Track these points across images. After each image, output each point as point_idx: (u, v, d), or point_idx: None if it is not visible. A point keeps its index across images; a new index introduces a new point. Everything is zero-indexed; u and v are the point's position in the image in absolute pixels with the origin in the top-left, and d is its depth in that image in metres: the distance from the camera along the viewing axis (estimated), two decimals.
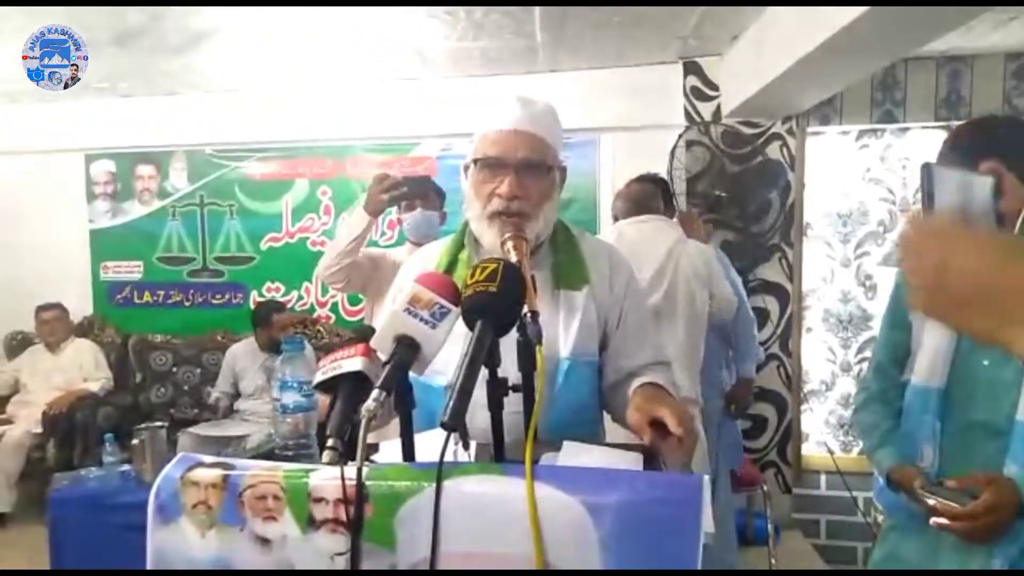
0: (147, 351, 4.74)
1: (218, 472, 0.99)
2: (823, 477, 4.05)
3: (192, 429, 4.06)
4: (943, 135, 1.69)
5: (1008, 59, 3.87)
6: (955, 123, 3.95)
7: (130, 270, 4.87)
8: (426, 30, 3.42)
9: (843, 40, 2.50)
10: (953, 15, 2.32)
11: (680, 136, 4.00)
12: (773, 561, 3.46)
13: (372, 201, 2.47)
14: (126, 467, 1.70)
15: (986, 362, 1.55)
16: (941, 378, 1.62)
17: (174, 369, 4.70)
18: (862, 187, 4.11)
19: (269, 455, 1.18)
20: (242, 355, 4.27)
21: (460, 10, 3.14)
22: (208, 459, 1.02)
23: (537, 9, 3.12)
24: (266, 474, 0.98)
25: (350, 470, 0.92)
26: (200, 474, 0.99)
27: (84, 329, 4.78)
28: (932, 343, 1.64)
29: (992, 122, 1.77)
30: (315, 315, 4.66)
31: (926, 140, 3.99)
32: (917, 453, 1.67)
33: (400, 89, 4.34)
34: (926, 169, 0.77)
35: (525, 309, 1.09)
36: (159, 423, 1.77)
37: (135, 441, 1.31)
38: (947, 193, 0.74)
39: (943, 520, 1.41)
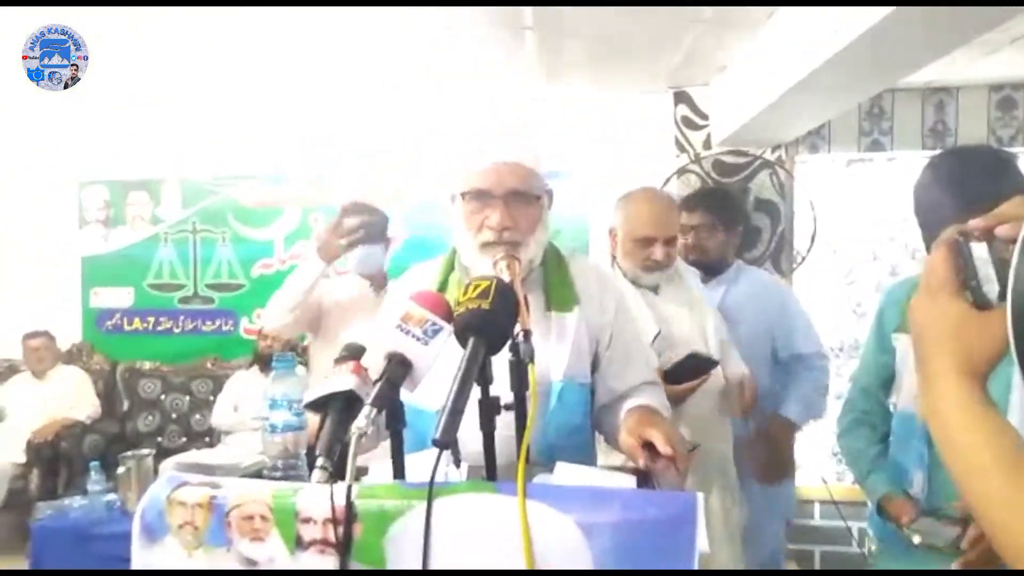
0: (135, 378, 4.69)
1: (205, 492, 0.97)
2: (817, 507, 4.02)
3: (177, 457, 4.01)
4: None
5: (991, 90, 3.94)
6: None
7: (120, 297, 4.84)
8: (419, 58, 3.46)
9: (828, 71, 2.54)
10: (935, 46, 2.36)
11: (671, 175, 4.03)
12: None
13: (328, 248, 2.42)
14: (111, 496, 1.67)
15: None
16: None
17: (162, 397, 4.65)
18: (851, 215, 4.15)
19: (257, 476, 1.16)
20: (244, 381, 4.26)
21: (453, 38, 3.18)
22: (195, 478, 1.01)
23: (529, 36, 3.17)
24: (253, 494, 0.96)
25: (339, 489, 0.90)
26: (186, 494, 0.97)
27: (72, 356, 4.73)
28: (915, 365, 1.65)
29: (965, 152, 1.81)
30: (306, 343, 4.63)
31: (914, 169, 4.04)
32: (907, 480, 1.67)
33: (391, 117, 4.37)
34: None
35: (518, 328, 1.09)
36: (146, 451, 1.75)
37: (121, 469, 1.29)
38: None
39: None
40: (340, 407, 1.00)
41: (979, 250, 0.72)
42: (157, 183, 4.79)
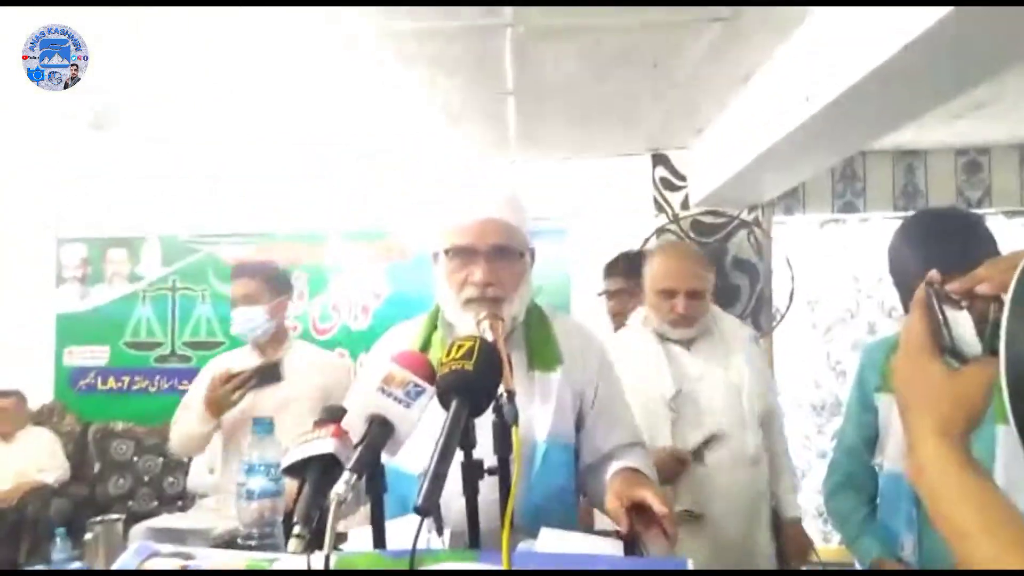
0: (107, 439, 4.56)
1: (176, 563, 0.94)
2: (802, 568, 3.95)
3: (148, 522, 3.87)
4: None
5: (958, 154, 4.08)
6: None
7: (95, 355, 4.75)
8: (402, 121, 3.51)
9: (802, 135, 2.62)
10: (902, 112, 2.44)
11: (651, 234, 4.09)
12: None
13: (217, 402, 2.32)
14: (77, 564, 1.60)
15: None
16: None
17: (135, 458, 4.52)
18: (827, 274, 4.22)
19: (231, 543, 1.12)
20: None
21: (436, 101, 3.24)
22: (166, 548, 0.97)
23: (511, 101, 3.24)
24: (227, 565, 0.93)
25: (317, 559, 0.87)
26: (157, 564, 0.94)
27: (42, 417, 4.59)
28: (901, 427, 1.64)
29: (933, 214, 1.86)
30: None
31: (887, 229, 4.13)
32: (897, 543, 1.64)
33: (376, 177, 4.42)
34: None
35: (501, 388, 1.08)
36: (115, 516, 1.68)
37: (88, 536, 1.24)
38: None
39: None
40: (319, 472, 0.98)
41: (956, 311, 0.74)
42: (138, 241, 4.76)
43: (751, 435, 2.19)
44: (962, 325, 0.73)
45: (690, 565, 0.84)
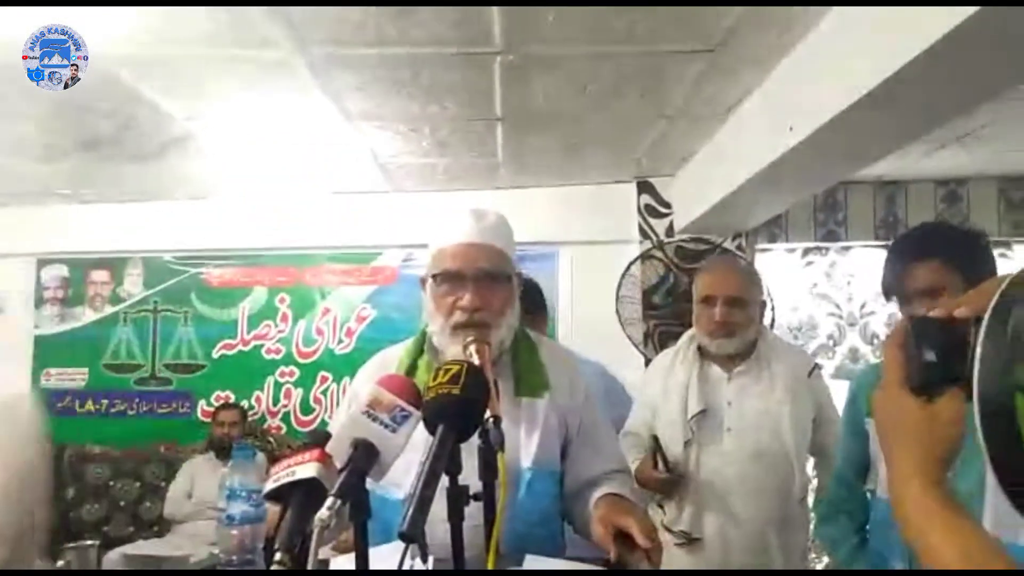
0: (82, 463, 4.47)
1: None
2: None
3: (123, 548, 3.79)
4: (884, 254, 1.78)
5: (937, 185, 4.15)
6: None
7: (73, 378, 4.68)
8: (391, 146, 3.53)
9: (783, 165, 2.66)
10: (883, 143, 2.49)
11: (635, 259, 4.12)
12: None
13: None
14: None
15: (948, 474, 1.55)
16: None
17: (111, 483, 4.43)
18: (810, 302, 4.25)
19: (211, 570, 1.10)
20: (199, 467, 4.10)
21: (424, 127, 3.26)
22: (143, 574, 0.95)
23: (499, 128, 3.26)
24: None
25: None
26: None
27: None
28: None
29: (932, 227, 1.89)
30: (266, 425, 4.50)
31: (868, 258, 4.19)
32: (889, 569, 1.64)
33: (363, 200, 4.42)
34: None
35: (487, 414, 1.07)
36: (89, 542, 1.64)
37: (60, 563, 1.21)
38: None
39: None
40: (302, 497, 0.96)
41: (937, 335, 0.73)
42: (120, 261, 4.72)
43: (796, 472, 2.13)
44: (943, 349, 0.72)
45: None
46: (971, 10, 1.47)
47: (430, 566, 1.04)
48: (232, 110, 3.02)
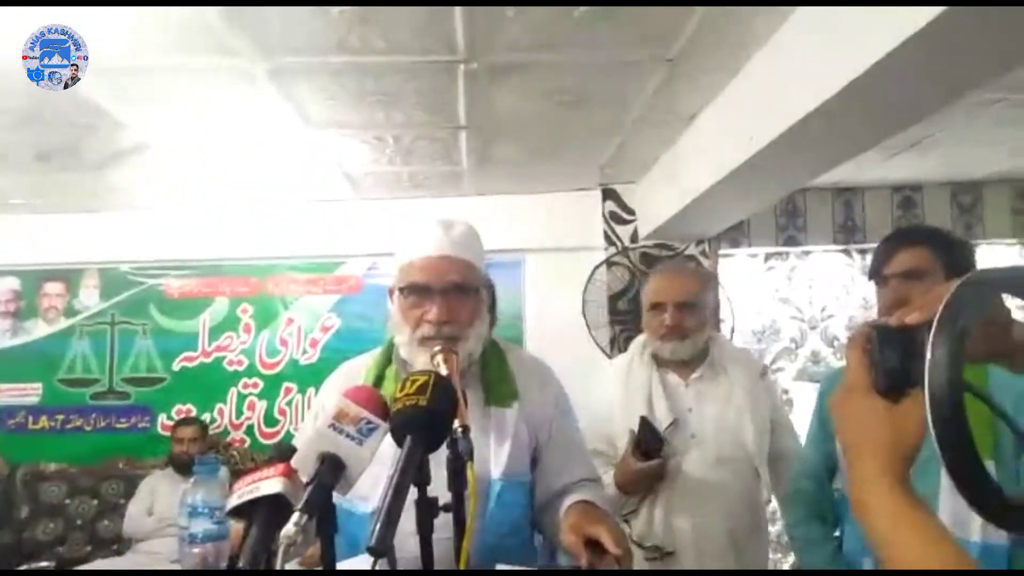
0: (37, 482, 4.32)
1: None
2: None
3: (80, 568, 3.67)
4: (843, 258, 1.84)
5: (893, 191, 4.26)
6: (852, 247, 4.28)
7: (26, 393, 4.52)
8: (354, 154, 3.50)
9: (745, 173, 2.71)
10: (841, 151, 2.55)
11: (600, 263, 4.15)
12: None
13: None
14: None
15: (911, 471, 1.59)
16: None
17: (67, 501, 4.29)
18: (772, 306, 4.33)
19: None
20: (160, 483, 4.00)
21: (388, 135, 3.24)
22: None
23: (463, 136, 3.26)
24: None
25: None
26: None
27: None
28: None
29: (924, 225, 1.97)
30: (229, 438, 4.41)
31: (827, 263, 4.29)
32: (859, 564, 1.66)
33: (326, 208, 4.38)
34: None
35: (456, 424, 1.06)
36: (44, 564, 1.58)
37: None
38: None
39: None
40: (267, 513, 0.94)
41: (897, 341, 0.74)
42: (76, 273, 4.59)
43: (760, 476, 2.12)
44: (901, 354, 0.74)
45: None
46: (929, 17, 1.50)
47: None
48: (191, 119, 2.97)
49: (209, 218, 4.44)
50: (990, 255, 4.25)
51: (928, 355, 0.66)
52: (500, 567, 1.16)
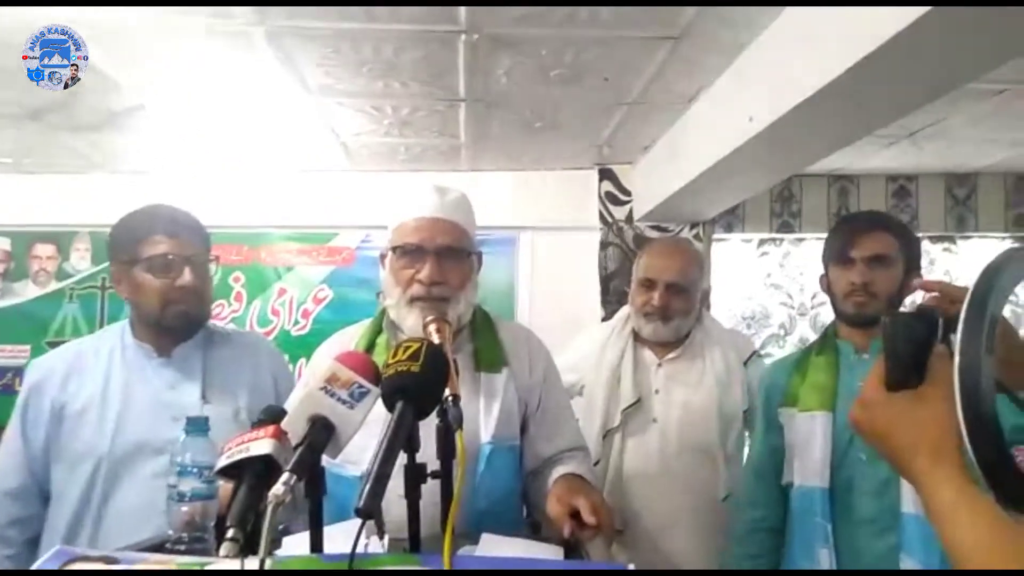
0: None
1: (100, 567, 0.89)
2: None
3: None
4: None
5: (888, 180, 4.26)
6: None
7: (14, 355, 4.51)
8: (351, 124, 3.47)
9: (742, 156, 2.70)
10: (839, 136, 2.55)
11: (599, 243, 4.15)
12: None
13: None
14: None
15: (863, 456, 1.59)
16: (824, 479, 1.62)
17: None
18: (763, 291, 4.34)
19: (159, 549, 1.07)
20: None
21: (387, 105, 3.21)
22: (91, 552, 0.92)
23: (462, 109, 3.24)
24: (155, 568, 0.89)
25: (251, 563, 0.84)
26: (79, 569, 0.89)
27: None
28: (809, 444, 1.67)
29: (877, 211, 2.02)
30: None
31: (820, 249, 4.29)
32: (814, 558, 1.65)
33: (321, 177, 4.35)
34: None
35: (447, 392, 1.07)
36: None
37: None
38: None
39: None
40: (256, 474, 0.95)
41: (913, 329, 0.73)
42: (67, 235, 4.55)
43: (721, 468, 2.03)
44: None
45: (632, 570, 0.85)
46: (925, 8, 1.50)
47: (386, 543, 1.04)
48: (185, 81, 2.93)
49: (202, 184, 4.39)
50: (982, 249, 4.27)
51: (957, 352, 0.65)
52: (485, 537, 1.17)
